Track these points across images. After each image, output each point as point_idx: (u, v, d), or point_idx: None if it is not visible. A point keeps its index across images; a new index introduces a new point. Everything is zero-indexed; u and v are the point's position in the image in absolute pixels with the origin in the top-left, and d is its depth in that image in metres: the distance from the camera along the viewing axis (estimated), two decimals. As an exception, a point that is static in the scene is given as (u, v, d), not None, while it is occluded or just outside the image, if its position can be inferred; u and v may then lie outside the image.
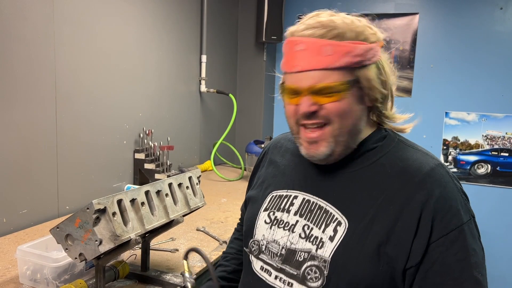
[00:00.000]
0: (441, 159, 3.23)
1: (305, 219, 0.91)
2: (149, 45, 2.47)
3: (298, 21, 0.89)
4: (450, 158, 3.22)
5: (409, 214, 0.81)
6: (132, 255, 1.49)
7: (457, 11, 3.09)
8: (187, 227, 1.85)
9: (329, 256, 0.84)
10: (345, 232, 0.84)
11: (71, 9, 1.92)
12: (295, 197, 0.95)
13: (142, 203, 1.19)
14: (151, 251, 1.46)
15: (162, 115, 2.65)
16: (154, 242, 1.65)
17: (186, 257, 1.10)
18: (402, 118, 0.96)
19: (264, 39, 3.34)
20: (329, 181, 0.92)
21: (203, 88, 3.02)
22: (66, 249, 1.09)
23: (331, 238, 0.85)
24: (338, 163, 0.92)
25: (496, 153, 3.10)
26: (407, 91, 3.27)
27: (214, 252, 1.63)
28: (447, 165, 3.21)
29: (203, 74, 3.01)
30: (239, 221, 1.33)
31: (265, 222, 0.97)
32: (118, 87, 2.26)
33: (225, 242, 1.70)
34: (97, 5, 2.07)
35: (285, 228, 0.92)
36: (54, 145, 1.90)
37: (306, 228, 0.89)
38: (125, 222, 1.13)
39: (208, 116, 3.18)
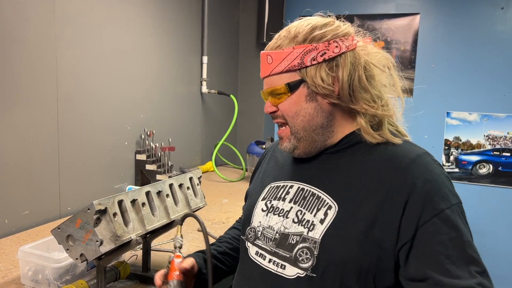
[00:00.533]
0: (443, 159, 3.23)
1: (298, 205, 0.96)
2: (150, 46, 2.48)
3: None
4: (451, 158, 3.22)
5: (395, 198, 0.85)
6: (133, 255, 1.49)
7: (458, 11, 3.09)
8: (188, 228, 1.85)
9: (319, 237, 0.89)
10: (335, 215, 0.89)
11: (72, 11, 1.93)
12: (291, 186, 1.00)
13: (143, 204, 1.20)
14: (152, 252, 1.47)
15: (163, 116, 2.65)
16: (155, 243, 1.65)
17: (181, 222, 1.09)
18: (385, 114, 0.95)
19: (265, 40, 3.34)
20: (323, 171, 0.98)
21: (204, 89, 3.02)
22: (67, 249, 1.09)
23: (322, 221, 0.90)
24: (330, 155, 0.98)
25: (498, 153, 3.10)
26: (408, 91, 3.26)
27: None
28: (449, 165, 3.21)
29: (204, 75, 3.01)
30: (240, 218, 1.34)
31: (262, 210, 1.02)
32: (120, 88, 2.26)
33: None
34: (98, 6, 2.07)
35: (280, 214, 0.97)
36: (56, 146, 1.91)
37: (299, 213, 0.94)
38: (126, 222, 1.13)
39: (209, 117, 3.19)
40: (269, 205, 1.01)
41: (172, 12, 2.66)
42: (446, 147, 3.22)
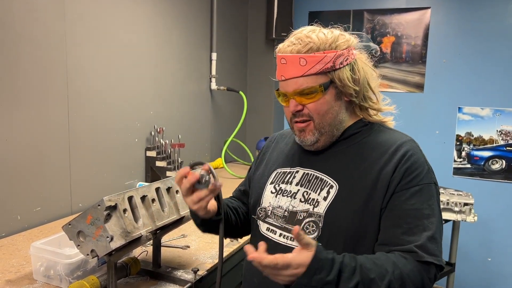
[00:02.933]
0: (454, 155, 3.19)
1: (304, 187, 1.09)
2: (159, 43, 2.49)
3: (288, 35, 1.08)
4: (463, 154, 3.18)
5: (386, 175, 1.01)
6: (143, 251, 1.50)
7: (470, 4, 3.04)
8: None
9: (323, 211, 1.03)
10: (336, 192, 1.04)
11: (82, 10, 1.94)
12: (297, 172, 1.14)
13: (153, 200, 1.20)
14: (162, 248, 1.48)
15: (173, 113, 2.66)
16: (166, 239, 1.66)
17: (192, 168, 1.09)
18: (386, 109, 1.15)
19: (274, 36, 3.33)
20: (324, 158, 1.11)
21: (214, 85, 3.02)
22: (78, 245, 1.10)
23: (325, 198, 1.05)
24: (332, 144, 1.10)
25: (511, 148, 3.05)
26: (419, 87, 3.23)
27: (225, 248, 1.63)
28: (461, 161, 3.17)
29: (213, 72, 3.01)
30: (234, 193, 1.38)
31: (271, 192, 1.15)
32: (129, 86, 2.27)
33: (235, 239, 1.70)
34: (108, 5, 2.08)
35: (288, 196, 1.11)
36: (67, 144, 1.93)
37: (305, 194, 1.08)
38: (135, 218, 1.14)
39: (218, 114, 3.19)
40: (277, 188, 1.14)
41: (181, 9, 2.66)
42: (458, 143, 3.18)
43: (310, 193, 1.07)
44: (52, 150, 1.86)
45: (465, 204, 2.40)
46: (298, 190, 1.10)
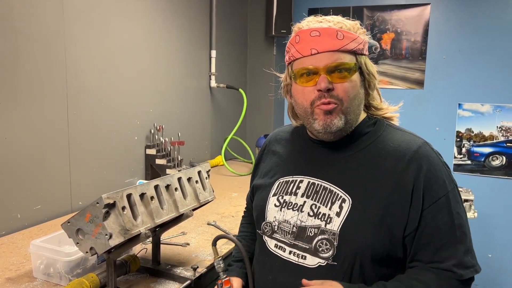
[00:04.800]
0: (454, 151, 3.19)
1: (312, 199, 1.02)
2: (159, 41, 2.48)
3: (299, 21, 1.02)
4: (463, 150, 3.18)
5: (403, 187, 0.94)
6: (143, 249, 1.50)
7: (470, 0, 3.03)
8: (198, 221, 1.86)
9: (337, 229, 0.96)
10: (349, 207, 0.96)
11: (80, 7, 1.94)
12: (301, 181, 1.05)
13: (152, 198, 1.20)
14: (162, 245, 1.48)
15: (172, 110, 2.66)
16: (165, 236, 1.66)
17: (214, 243, 1.15)
18: (392, 109, 1.09)
19: (273, 33, 3.32)
20: (330, 165, 1.04)
21: (213, 83, 3.02)
22: (77, 243, 1.10)
23: (338, 214, 0.97)
24: (337, 147, 1.03)
25: (511, 144, 3.05)
26: (419, 83, 3.22)
27: (225, 246, 1.63)
28: (461, 157, 3.17)
29: (213, 69, 3.01)
30: (245, 210, 1.36)
31: (275, 205, 1.07)
32: (129, 84, 2.27)
33: (235, 236, 1.70)
34: (107, 2, 2.08)
35: (294, 209, 1.03)
36: (67, 142, 1.93)
37: (313, 207, 1.00)
38: (134, 216, 1.14)
39: (218, 111, 3.19)
40: (281, 200, 1.06)
41: (180, 7, 2.65)
42: (458, 139, 3.18)
43: (319, 207, 1.00)
44: (51, 149, 1.86)
45: (465, 201, 2.40)
46: (305, 202, 1.02)
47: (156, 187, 1.23)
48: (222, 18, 3.10)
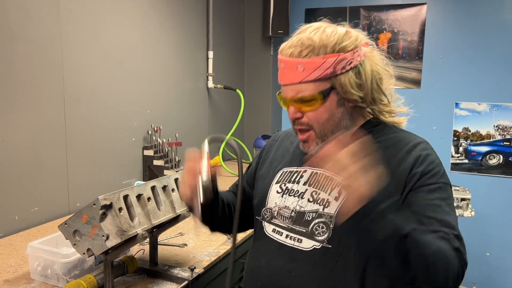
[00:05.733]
0: (452, 150, 3.19)
1: (313, 187, 1.04)
2: (156, 42, 2.48)
3: (290, 33, 1.00)
4: (461, 149, 3.18)
5: (401, 174, 0.96)
6: (140, 250, 1.51)
7: (466, 0, 3.04)
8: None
9: (334, 212, 0.98)
10: None
11: (77, 9, 1.94)
12: (304, 171, 1.08)
13: (148, 199, 1.21)
14: (160, 246, 1.48)
15: (170, 111, 2.66)
16: (163, 237, 1.66)
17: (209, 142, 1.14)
18: (399, 111, 1.08)
19: (270, 34, 3.33)
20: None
21: (211, 84, 3.02)
22: (74, 244, 1.11)
23: (336, 198, 0.99)
24: None
25: (508, 143, 3.06)
26: (416, 83, 3.23)
27: (222, 246, 1.63)
28: (458, 156, 3.18)
29: (210, 70, 3.01)
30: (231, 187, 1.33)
31: (277, 192, 1.09)
32: (126, 85, 2.27)
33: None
34: (103, 4, 2.08)
35: (295, 195, 1.05)
36: (64, 143, 1.93)
37: (314, 193, 1.03)
38: (131, 217, 1.14)
39: (216, 112, 3.19)
40: (283, 188, 1.08)
41: (177, 8, 2.65)
42: (455, 138, 3.19)
43: (319, 193, 1.02)
44: (49, 150, 1.86)
45: (462, 199, 2.40)
46: (306, 189, 1.04)
47: (153, 188, 1.23)
48: (219, 19, 3.11)
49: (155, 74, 2.51)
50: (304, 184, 1.05)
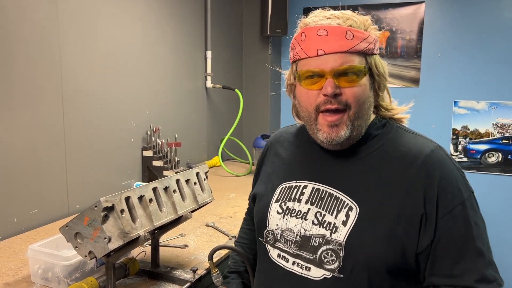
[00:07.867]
0: (451, 148, 3.20)
1: (316, 206, 0.95)
2: (154, 42, 2.47)
3: (305, 16, 0.95)
4: (459, 147, 3.19)
5: (414, 195, 0.87)
6: (142, 252, 1.50)
7: (464, -2, 3.05)
8: (196, 223, 1.85)
9: (343, 239, 0.89)
10: (357, 216, 0.89)
11: (75, 9, 1.93)
12: (305, 186, 0.99)
13: (150, 200, 1.19)
14: (161, 248, 1.47)
15: (169, 112, 2.65)
16: (164, 239, 1.65)
17: (211, 257, 1.13)
18: (401, 110, 1.02)
19: (269, 33, 3.32)
20: (336, 170, 0.97)
21: (209, 84, 3.01)
22: (76, 247, 1.09)
23: (344, 223, 0.89)
24: (344, 151, 0.96)
25: (507, 141, 3.06)
26: (415, 81, 3.23)
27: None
28: (457, 155, 3.18)
29: (209, 70, 3.00)
30: (246, 212, 1.32)
31: (278, 212, 1.00)
32: (124, 85, 2.26)
33: (234, 237, 1.70)
34: (101, 4, 2.07)
35: (298, 216, 0.96)
36: (62, 145, 1.91)
37: (318, 215, 0.93)
38: (133, 219, 1.13)
39: (214, 112, 3.18)
40: (284, 207, 0.99)
41: (175, 8, 2.64)
42: (454, 137, 3.19)
43: (324, 214, 0.93)
44: (47, 151, 1.85)
45: (463, 198, 2.40)
46: (309, 209, 0.95)
47: (154, 189, 1.22)
48: (217, 19, 3.09)
49: (154, 74, 2.50)
50: (306, 202, 0.96)
